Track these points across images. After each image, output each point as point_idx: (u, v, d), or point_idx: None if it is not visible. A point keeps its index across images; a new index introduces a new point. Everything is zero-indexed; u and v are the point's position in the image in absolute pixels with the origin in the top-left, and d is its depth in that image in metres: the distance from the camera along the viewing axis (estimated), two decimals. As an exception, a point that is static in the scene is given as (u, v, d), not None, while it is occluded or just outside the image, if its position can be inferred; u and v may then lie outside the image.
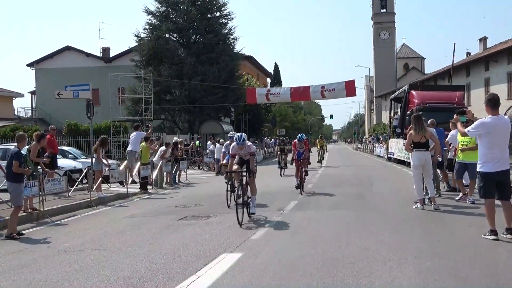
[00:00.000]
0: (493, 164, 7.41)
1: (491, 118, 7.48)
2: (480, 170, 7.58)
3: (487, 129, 7.47)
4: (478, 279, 5.44)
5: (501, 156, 7.43)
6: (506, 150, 7.63)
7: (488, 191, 7.52)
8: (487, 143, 7.51)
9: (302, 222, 9.68)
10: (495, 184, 7.49)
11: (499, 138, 7.47)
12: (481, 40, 51.09)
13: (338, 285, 5.34)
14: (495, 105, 7.51)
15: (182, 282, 5.70)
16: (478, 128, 7.58)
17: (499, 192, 7.54)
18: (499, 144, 7.46)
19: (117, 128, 30.75)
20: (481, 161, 7.60)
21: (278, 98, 35.68)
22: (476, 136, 8.02)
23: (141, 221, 10.65)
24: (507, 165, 7.54)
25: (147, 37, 38.26)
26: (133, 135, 18.76)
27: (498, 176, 7.44)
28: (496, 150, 7.43)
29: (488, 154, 7.48)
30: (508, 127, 7.65)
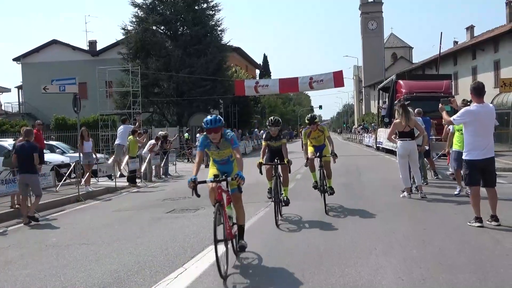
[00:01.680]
0: (478, 152, 7.48)
1: (476, 106, 7.54)
2: (466, 158, 7.66)
3: (472, 117, 7.53)
4: (463, 266, 5.50)
5: (486, 144, 7.50)
6: (491, 137, 7.70)
7: (473, 178, 7.59)
8: (472, 131, 7.57)
9: (290, 213, 9.70)
10: (481, 172, 7.57)
11: (484, 126, 7.53)
12: (468, 29, 51.39)
13: (324, 275, 5.37)
14: (480, 93, 7.57)
15: (169, 274, 5.72)
16: (463, 116, 7.64)
17: (484, 180, 7.63)
18: (484, 132, 7.53)
19: (105, 122, 30.62)
20: (467, 149, 7.67)
21: (267, 90, 35.64)
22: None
23: (129, 215, 10.65)
24: (492, 152, 7.62)
25: (134, 30, 37.93)
26: (121, 129, 18.69)
27: (483, 164, 7.51)
28: (481, 138, 7.50)
29: (474, 142, 7.54)
30: (493, 115, 7.74)
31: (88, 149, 15.65)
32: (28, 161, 10.48)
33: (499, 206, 7.96)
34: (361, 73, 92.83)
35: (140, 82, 32.47)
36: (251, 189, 14.12)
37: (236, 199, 6.62)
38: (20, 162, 10.59)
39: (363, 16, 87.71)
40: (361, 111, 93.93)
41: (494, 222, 7.48)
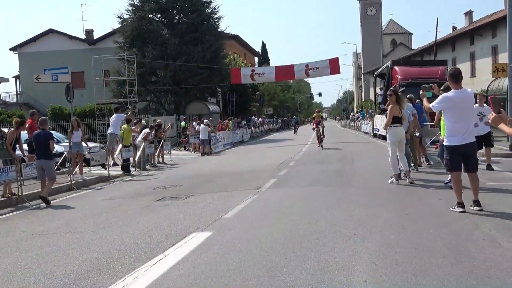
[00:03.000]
0: (459, 137, 7.51)
1: (454, 92, 7.56)
2: (446, 144, 7.70)
3: (450, 103, 7.55)
4: (438, 250, 5.54)
5: (466, 129, 7.53)
6: (471, 123, 7.73)
7: (455, 164, 7.62)
8: (451, 117, 7.61)
9: (277, 200, 9.78)
10: (462, 157, 7.60)
11: (463, 112, 7.55)
12: (467, 14, 51.11)
13: (300, 260, 5.42)
14: (457, 79, 7.59)
15: (148, 261, 5.76)
16: (441, 103, 7.67)
17: (466, 165, 7.68)
18: (463, 118, 7.55)
19: (102, 111, 30.56)
20: (447, 135, 7.71)
21: (263, 78, 35.57)
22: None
23: (119, 203, 10.70)
24: (473, 137, 7.65)
25: (130, 18, 37.81)
26: (113, 118, 18.69)
27: (464, 149, 7.54)
28: (460, 124, 7.52)
29: (453, 128, 7.57)
30: (472, 100, 7.77)
31: (77, 139, 15.59)
32: (44, 148, 11.56)
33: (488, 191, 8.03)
34: (360, 60, 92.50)
35: (137, 71, 32.39)
36: (244, 175, 14.27)
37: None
38: (37, 149, 11.72)
39: (362, 2, 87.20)
40: (360, 98, 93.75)
41: (476, 207, 7.53)
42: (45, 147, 11.57)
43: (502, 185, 9.96)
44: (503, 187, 9.64)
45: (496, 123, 4.65)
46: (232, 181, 13.15)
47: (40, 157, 11.65)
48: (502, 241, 5.81)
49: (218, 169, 17.05)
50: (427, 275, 4.75)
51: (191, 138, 27.70)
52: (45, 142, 11.60)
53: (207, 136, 24.89)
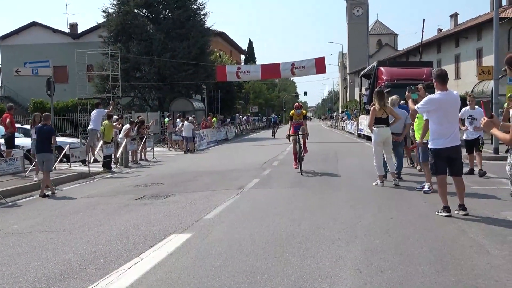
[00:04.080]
0: (444, 140, 7.37)
1: (440, 93, 7.42)
2: (431, 147, 7.55)
3: (436, 104, 7.41)
4: (423, 256, 5.37)
5: (451, 132, 7.39)
6: (456, 125, 7.62)
7: (440, 167, 7.48)
8: (436, 119, 7.46)
9: (259, 200, 9.59)
10: (447, 160, 7.47)
11: (448, 114, 7.41)
12: (452, 16, 51.42)
13: (282, 266, 5.22)
14: (443, 80, 7.46)
15: (123, 265, 5.52)
16: (427, 104, 7.53)
17: (451, 168, 7.53)
18: (448, 120, 7.41)
19: (84, 106, 30.11)
20: (432, 137, 7.57)
21: (249, 76, 35.38)
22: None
23: (97, 201, 10.41)
24: (458, 140, 7.52)
25: (115, 13, 37.32)
26: (94, 113, 18.37)
27: (449, 152, 7.40)
28: (445, 126, 7.38)
29: (438, 130, 7.42)
30: (457, 102, 7.63)
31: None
32: (46, 142, 11.99)
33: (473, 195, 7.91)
34: (346, 60, 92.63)
35: (121, 66, 32.01)
36: (227, 174, 14.04)
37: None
38: (39, 142, 12.11)
39: (348, 2, 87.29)
40: (346, 97, 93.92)
41: (462, 211, 7.40)
42: (47, 141, 12.01)
43: (488, 188, 9.84)
44: (488, 191, 9.52)
45: (488, 128, 4.49)
46: (214, 180, 12.92)
47: (41, 151, 12.04)
48: (489, 248, 5.66)
49: (201, 167, 16.80)
50: (412, 283, 4.58)
51: (174, 135, 27.36)
52: (47, 136, 12.02)
53: (191, 134, 24.59)
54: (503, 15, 34.84)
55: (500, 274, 4.77)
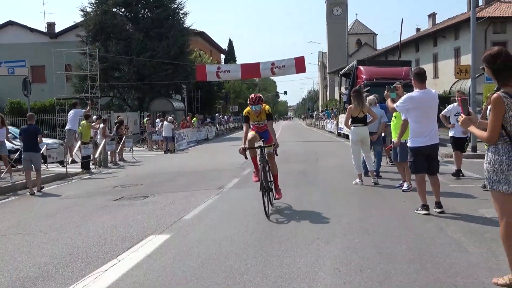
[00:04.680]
0: (422, 138, 7.41)
1: (419, 92, 7.47)
2: (410, 145, 7.58)
3: (414, 103, 7.45)
4: (402, 255, 5.38)
5: (430, 130, 7.44)
6: (435, 123, 7.66)
7: (419, 166, 7.53)
8: (415, 117, 7.51)
9: (239, 200, 9.54)
10: (425, 159, 7.52)
11: (427, 112, 7.47)
12: (430, 16, 51.87)
13: (261, 266, 5.18)
14: (422, 79, 7.50)
15: (100, 267, 5.43)
16: (405, 103, 7.57)
17: (428, 167, 7.61)
18: (427, 118, 7.46)
19: (62, 106, 29.71)
20: (411, 136, 7.60)
21: (229, 76, 35.17)
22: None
23: (75, 203, 10.26)
24: (437, 139, 7.59)
25: (93, 12, 36.94)
26: (71, 113, 18.14)
27: (428, 150, 7.46)
28: (424, 124, 7.43)
29: (417, 129, 7.47)
30: (436, 100, 7.69)
31: (1, 138, 14.18)
32: (32, 141, 12.40)
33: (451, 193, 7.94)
34: (326, 59, 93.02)
35: (100, 66, 31.64)
36: (207, 174, 13.96)
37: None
38: (26, 142, 12.52)
39: (328, 2, 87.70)
40: (326, 97, 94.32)
41: (438, 209, 7.48)
42: (33, 141, 12.43)
43: (466, 187, 9.90)
44: (466, 189, 9.58)
45: (466, 126, 4.50)
46: (194, 180, 12.83)
47: (28, 150, 12.39)
48: (467, 246, 5.69)
49: (180, 167, 16.68)
50: (391, 282, 4.58)
51: (154, 135, 27.17)
52: (34, 136, 12.47)
53: (170, 134, 24.44)
54: (480, 14, 35.26)
55: (479, 272, 4.79)
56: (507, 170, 4.15)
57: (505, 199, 4.24)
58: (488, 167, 4.29)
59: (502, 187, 4.20)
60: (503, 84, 4.22)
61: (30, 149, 12.37)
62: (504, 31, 35.78)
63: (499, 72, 4.24)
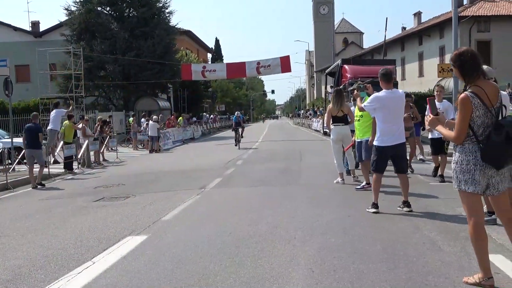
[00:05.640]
0: (388, 138, 7.54)
1: (385, 92, 7.59)
2: (376, 145, 7.70)
3: (381, 103, 7.58)
4: (377, 254, 5.40)
5: (396, 130, 7.60)
6: (401, 123, 7.80)
7: (380, 165, 7.72)
8: (382, 117, 7.64)
9: (220, 200, 9.53)
10: (392, 158, 7.71)
11: (393, 112, 7.61)
12: (416, 15, 52.15)
13: (235, 267, 5.18)
14: (388, 79, 7.61)
15: (74, 269, 5.39)
16: (373, 103, 7.71)
17: (396, 166, 7.81)
18: (393, 118, 7.61)
19: (47, 106, 29.49)
20: (377, 135, 7.72)
21: (214, 75, 35.20)
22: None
23: (55, 204, 10.18)
24: (403, 138, 7.76)
25: (77, 11, 36.66)
26: (53, 113, 17.99)
27: (394, 150, 7.60)
28: (390, 124, 7.58)
29: (384, 128, 7.61)
30: (402, 100, 7.85)
31: None
32: (34, 139, 13.27)
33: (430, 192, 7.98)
34: (313, 58, 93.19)
35: (85, 65, 31.48)
36: (190, 174, 13.93)
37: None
38: (28, 140, 13.30)
39: (315, 0, 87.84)
40: (313, 95, 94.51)
41: (406, 208, 7.57)
42: (35, 138, 13.28)
43: (444, 185, 9.94)
44: (444, 187, 9.61)
45: (433, 125, 4.54)
46: (177, 180, 12.81)
47: (30, 147, 13.27)
48: (442, 245, 5.72)
49: (164, 167, 16.62)
50: (363, 282, 4.59)
51: (139, 135, 27.05)
52: (36, 134, 13.34)
53: (156, 133, 24.34)
54: (464, 13, 35.59)
55: (450, 271, 4.82)
56: (474, 170, 4.19)
57: (472, 199, 4.28)
58: (456, 167, 4.32)
59: (469, 187, 4.23)
60: (470, 83, 4.25)
61: (32, 146, 13.25)
62: (488, 29, 36.09)
63: (466, 72, 4.28)
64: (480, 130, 4.18)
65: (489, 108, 4.17)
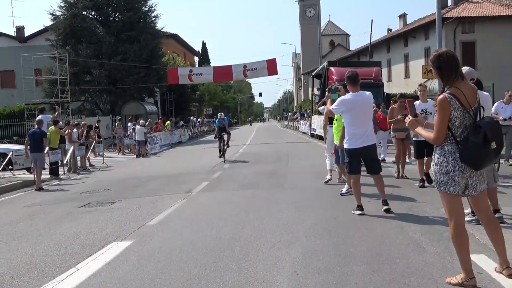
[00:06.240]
0: (356, 140, 7.60)
1: (352, 94, 7.64)
2: (346, 147, 7.78)
3: (347, 105, 7.64)
4: (361, 256, 5.42)
5: (364, 132, 7.65)
6: (369, 125, 7.84)
7: (354, 167, 7.78)
8: (349, 119, 7.71)
9: (206, 204, 9.52)
10: (364, 160, 7.78)
11: (361, 114, 7.65)
12: (401, 16, 52.48)
13: (220, 271, 5.17)
14: (354, 82, 7.66)
15: (57, 276, 5.35)
16: (339, 105, 7.79)
17: (368, 167, 7.89)
18: (360, 120, 7.66)
19: (32, 112, 29.27)
20: (346, 138, 7.82)
21: (201, 79, 35.12)
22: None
23: (40, 210, 10.09)
24: (372, 140, 7.82)
25: (62, 15, 36.40)
26: (39, 119, 17.84)
27: (364, 152, 7.69)
28: (358, 126, 7.65)
29: (352, 131, 7.69)
30: (369, 102, 7.89)
31: None
32: (38, 143, 14.12)
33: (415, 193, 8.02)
34: (300, 61, 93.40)
35: (70, 70, 31.30)
36: (177, 178, 13.89)
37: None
38: (33, 144, 14.07)
39: (301, 3, 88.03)
40: (300, 98, 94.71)
41: (385, 207, 7.65)
42: (40, 143, 14.12)
43: (429, 186, 9.98)
44: (429, 188, 9.67)
45: (413, 127, 4.57)
46: (163, 185, 12.77)
47: (34, 151, 14.03)
48: (426, 245, 5.75)
49: (151, 171, 16.56)
50: (347, 284, 4.60)
51: (126, 139, 26.94)
52: (40, 138, 14.15)
53: (143, 137, 24.26)
54: (448, 15, 35.87)
55: (433, 271, 4.85)
56: (453, 171, 4.22)
57: (452, 200, 4.31)
58: (435, 169, 4.35)
59: (449, 188, 4.26)
60: (449, 85, 4.29)
61: (36, 150, 14.03)
62: (472, 30, 36.36)
63: (445, 73, 4.31)
64: (459, 131, 4.22)
65: (467, 109, 4.21)
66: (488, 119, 4.29)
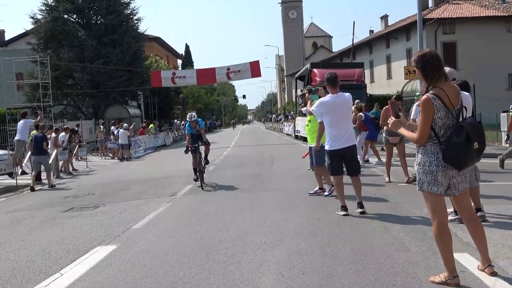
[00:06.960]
0: (336, 141, 7.66)
1: (331, 96, 7.70)
2: (327, 149, 7.84)
3: (326, 107, 7.70)
4: (346, 257, 5.45)
5: (344, 133, 7.70)
6: (349, 126, 7.93)
7: (336, 168, 7.81)
8: (328, 121, 7.76)
9: (191, 207, 9.49)
10: (343, 161, 7.80)
11: (340, 116, 7.71)
12: (383, 18, 52.86)
13: (205, 273, 5.16)
14: (333, 83, 7.71)
15: (41, 282, 5.29)
16: (319, 107, 7.86)
17: (347, 168, 7.94)
18: (341, 122, 7.72)
19: (14, 116, 28.91)
20: (327, 139, 7.89)
21: (184, 81, 35.03)
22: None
23: (22, 216, 9.98)
24: (352, 141, 7.88)
25: (43, 19, 36.08)
26: (21, 123, 17.70)
27: (344, 153, 7.72)
28: (338, 128, 7.71)
29: (332, 132, 7.75)
30: (349, 104, 7.97)
31: None
32: (41, 147, 14.83)
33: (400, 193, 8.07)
34: (283, 62, 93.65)
35: (52, 74, 30.91)
36: (161, 181, 13.84)
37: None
38: (35, 147, 14.87)
39: (283, 5, 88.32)
40: (284, 99, 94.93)
41: (360, 209, 7.72)
42: (41, 146, 14.81)
43: (412, 185, 10.05)
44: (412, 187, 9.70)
45: (396, 128, 4.62)
46: (147, 188, 12.71)
47: (37, 154, 14.83)
48: (409, 245, 5.81)
49: (135, 175, 16.48)
50: (332, 285, 4.63)
51: (109, 143, 26.75)
52: (41, 142, 14.83)
53: (126, 141, 24.13)
54: (429, 16, 36.24)
55: (417, 270, 4.89)
56: (436, 171, 4.27)
57: (435, 200, 4.36)
58: (418, 169, 4.40)
59: (432, 188, 4.31)
60: (432, 85, 4.33)
61: (39, 153, 14.80)
62: (453, 31, 36.78)
63: (428, 73, 4.35)
64: (442, 131, 4.27)
65: (450, 109, 4.25)
66: (471, 120, 4.35)
